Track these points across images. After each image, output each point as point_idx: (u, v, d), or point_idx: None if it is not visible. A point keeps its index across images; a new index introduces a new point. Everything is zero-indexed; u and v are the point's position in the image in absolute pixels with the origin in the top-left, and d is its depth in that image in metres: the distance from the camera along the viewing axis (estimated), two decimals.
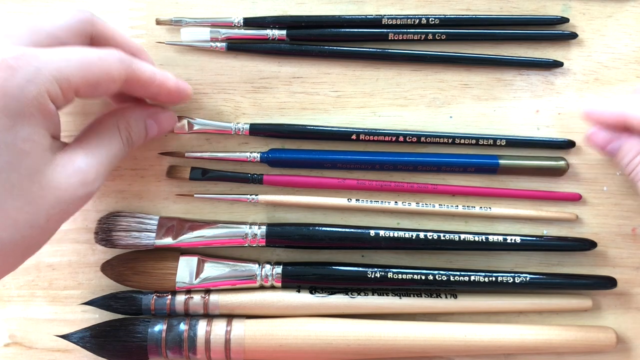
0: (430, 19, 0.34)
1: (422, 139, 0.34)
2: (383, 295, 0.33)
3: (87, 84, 0.25)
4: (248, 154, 0.34)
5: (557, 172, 0.35)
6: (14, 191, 0.23)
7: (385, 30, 0.34)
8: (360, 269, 0.33)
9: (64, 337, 0.32)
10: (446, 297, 0.34)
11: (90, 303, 0.33)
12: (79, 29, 0.27)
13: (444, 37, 0.34)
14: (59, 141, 0.26)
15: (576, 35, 0.35)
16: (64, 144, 0.26)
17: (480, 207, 0.34)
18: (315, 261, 0.34)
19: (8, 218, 0.23)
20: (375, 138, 0.34)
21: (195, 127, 0.34)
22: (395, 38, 0.34)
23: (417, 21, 0.34)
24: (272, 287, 0.33)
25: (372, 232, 0.33)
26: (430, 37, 0.34)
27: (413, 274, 0.33)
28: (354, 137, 0.34)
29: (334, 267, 0.33)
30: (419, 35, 0.34)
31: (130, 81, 0.27)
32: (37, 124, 0.24)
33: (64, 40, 0.26)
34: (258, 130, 0.34)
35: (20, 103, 0.23)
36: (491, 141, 0.34)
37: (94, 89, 0.26)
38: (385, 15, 0.34)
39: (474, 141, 0.34)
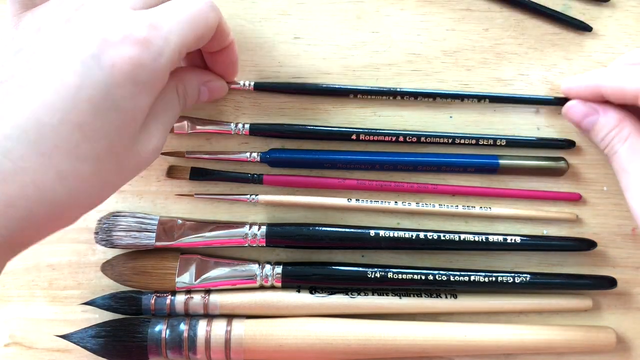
0: None
1: (422, 139, 0.34)
2: (383, 295, 0.33)
3: (196, 40, 0.26)
4: (248, 154, 0.34)
5: (557, 172, 0.35)
6: (112, 154, 0.24)
7: None
8: (360, 269, 0.33)
9: (64, 337, 0.32)
10: (446, 297, 0.34)
11: (90, 303, 0.33)
12: None
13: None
14: None
15: (591, 28, 0.35)
16: None
17: (480, 207, 0.34)
18: (315, 261, 0.34)
19: (99, 177, 0.24)
20: (375, 138, 0.34)
21: (196, 127, 0.34)
22: None
23: None
24: (272, 287, 0.33)
25: (372, 232, 0.33)
26: None
27: (413, 274, 0.33)
28: (354, 137, 0.34)
29: (334, 267, 0.33)
30: None
31: (217, 29, 0.28)
32: (154, 94, 0.25)
33: None
34: (258, 130, 0.34)
35: (149, 74, 0.24)
36: (491, 141, 0.34)
37: (199, 42, 0.27)
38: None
39: (474, 141, 0.34)
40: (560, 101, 0.34)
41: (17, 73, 0.23)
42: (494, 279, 0.33)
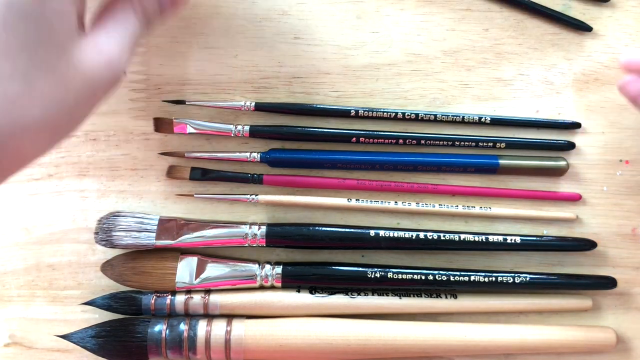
0: None
1: (422, 141, 0.34)
2: (383, 295, 0.33)
3: None
4: (248, 154, 0.34)
5: (557, 172, 0.35)
6: (42, 67, 0.23)
7: None
8: (360, 269, 0.33)
9: (64, 337, 0.32)
10: (446, 297, 0.34)
11: (90, 303, 0.33)
12: None
13: None
14: (81, 23, 0.25)
15: (591, 28, 0.35)
16: (84, 27, 0.26)
17: (480, 207, 0.34)
18: (315, 261, 0.34)
19: (37, 94, 0.23)
20: (375, 141, 0.34)
21: (196, 128, 0.34)
22: None
23: None
24: (272, 287, 0.33)
25: (372, 232, 0.33)
26: None
27: (413, 274, 0.33)
28: (353, 139, 0.34)
29: (334, 267, 0.33)
30: None
31: None
32: None
33: None
34: (258, 132, 0.34)
35: None
36: (491, 143, 0.34)
37: None
38: None
39: (473, 143, 0.34)
40: (568, 126, 0.35)
41: None
42: (494, 279, 0.33)
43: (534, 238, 0.34)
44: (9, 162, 0.23)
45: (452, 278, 0.33)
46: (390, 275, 0.33)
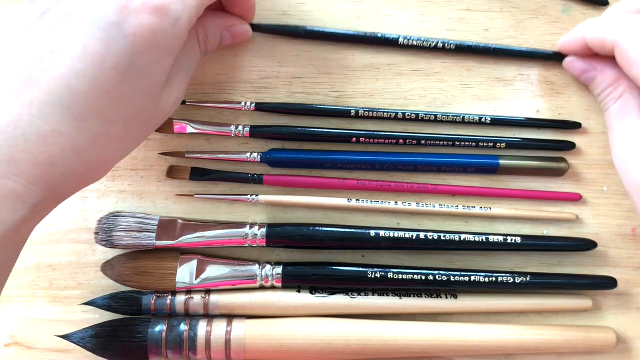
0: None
1: (422, 141, 0.34)
2: (383, 295, 0.33)
3: None
4: (248, 154, 0.34)
5: (557, 172, 0.35)
6: (140, 114, 0.26)
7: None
8: (360, 269, 0.33)
9: (64, 337, 0.32)
10: (446, 297, 0.34)
11: (90, 303, 0.33)
12: None
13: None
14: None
15: None
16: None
17: (480, 207, 0.34)
18: (315, 261, 0.34)
19: (129, 134, 0.26)
20: (375, 141, 0.34)
21: (196, 128, 0.34)
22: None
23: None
24: (272, 287, 0.33)
25: (372, 232, 0.33)
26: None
27: (413, 274, 0.33)
28: (353, 139, 0.34)
29: (334, 267, 0.33)
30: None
31: None
32: (175, 55, 0.26)
33: None
34: (258, 132, 0.34)
35: (170, 40, 0.25)
36: (491, 143, 0.34)
37: None
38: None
39: (473, 143, 0.34)
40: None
41: (46, 38, 0.24)
42: (494, 279, 0.33)
43: (534, 238, 0.34)
44: (89, 182, 0.27)
45: (452, 278, 0.33)
46: (390, 275, 0.33)
